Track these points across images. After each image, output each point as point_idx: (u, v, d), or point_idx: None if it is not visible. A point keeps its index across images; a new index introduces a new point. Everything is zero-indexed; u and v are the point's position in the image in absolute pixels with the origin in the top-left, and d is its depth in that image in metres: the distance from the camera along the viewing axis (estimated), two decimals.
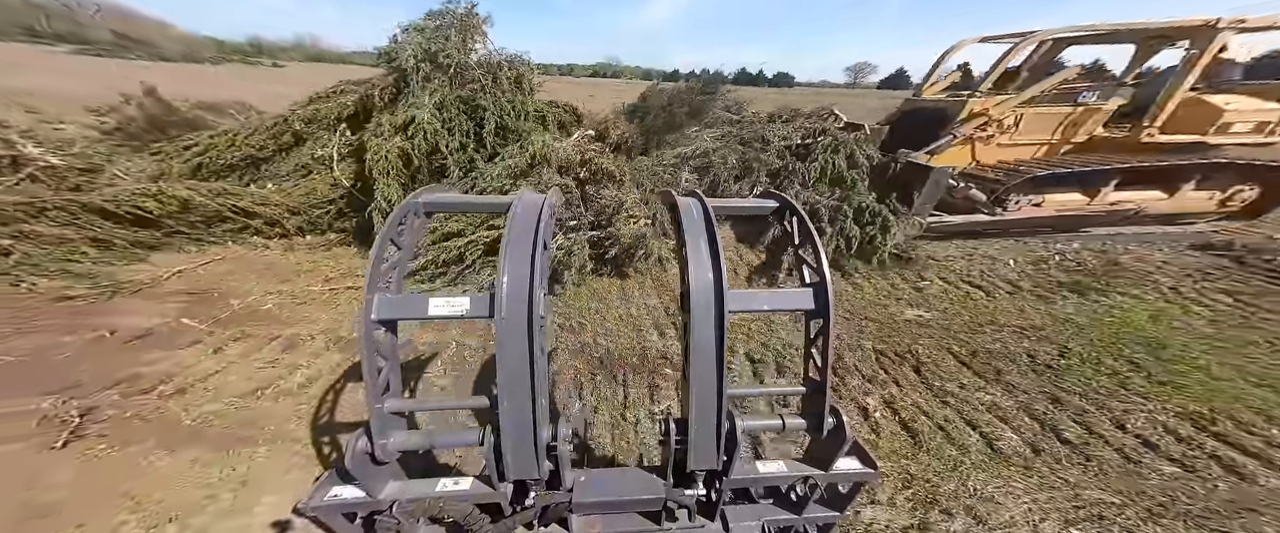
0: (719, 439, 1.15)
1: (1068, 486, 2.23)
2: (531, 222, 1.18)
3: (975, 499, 2.17)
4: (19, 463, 2.06)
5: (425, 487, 1.19)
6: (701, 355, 1.12)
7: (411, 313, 1.15)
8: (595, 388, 2.78)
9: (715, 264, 1.14)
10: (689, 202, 1.34)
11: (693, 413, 1.14)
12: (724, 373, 1.12)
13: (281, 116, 4.80)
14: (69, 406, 2.31)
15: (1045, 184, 5.18)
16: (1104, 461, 2.35)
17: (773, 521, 1.33)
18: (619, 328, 3.45)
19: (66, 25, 39.27)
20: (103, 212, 3.55)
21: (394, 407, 1.18)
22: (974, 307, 3.95)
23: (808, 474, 1.25)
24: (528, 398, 1.08)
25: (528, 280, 1.07)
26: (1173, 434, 2.49)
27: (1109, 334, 3.42)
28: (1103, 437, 2.50)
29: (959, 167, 5.39)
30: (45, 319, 2.94)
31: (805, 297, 1.21)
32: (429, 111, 4.21)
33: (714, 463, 1.19)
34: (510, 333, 1.05)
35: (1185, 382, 2.87)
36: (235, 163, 4.60)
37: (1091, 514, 2.09)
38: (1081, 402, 2.74)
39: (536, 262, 1.09)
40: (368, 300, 1.10)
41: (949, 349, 3.31)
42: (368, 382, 1.09)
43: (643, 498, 1.23)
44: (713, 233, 1.19)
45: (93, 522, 1.88)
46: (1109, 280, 4.30)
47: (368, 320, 1.10)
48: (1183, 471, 2.28)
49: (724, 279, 1.12)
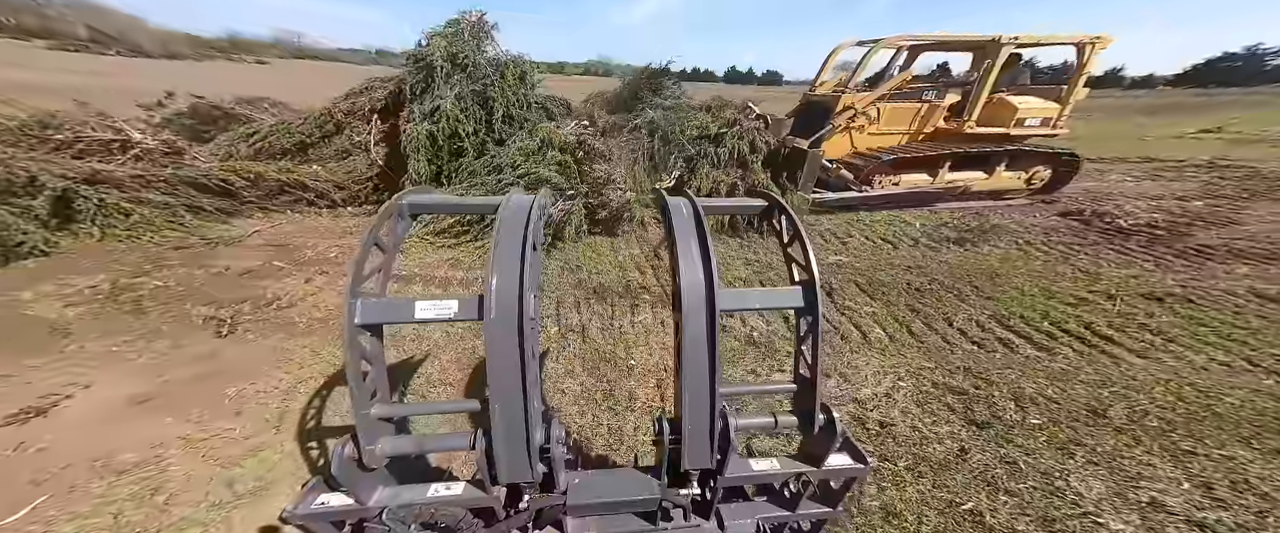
0: (713, 438, 1.14)
1: (905, 359, 3.41)
2: (520, 222, 1.15)
3: (847, 368, 3.33)
4: (203, 345, 3.06)
5: (416, 492, 1.15)
6: (694, 354, 1.10)
7: (397, 317, 1.13)
8: (590, 307, 3.88)
9: (706, 263, 1.11)
10: (679, 201, 1.31)
11: (686, 412, 1.13)
12: (717, 372, 1.10)
13: (325, 109, 5.70)
14: (224, 312, 3.31)
15: (900, 166, 6.55)
16: (931, 344, 3.53)
17: (767, 518, 1.32)
18: (609, 269, 4.55)
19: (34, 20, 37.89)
20: (195, 184, 4.47)
21: (381, 413, 1.14)
22: (881, 254, 5.16)
23: (800, 471, 1.24)
24: (520, 401, 1.05)
25: (517, 282, 1.04)
26: (979, 327, 3.70)
27: (967, 270, 4.66)
28: (936, 331, 3.69)
29: (843, 153, 6.71)
30: (175, 260, 3.90)
31: (794, 295, 1.20)
32: (451, 101, 5.18)
33: (708, 462, 1.16)
34: (500, 336, 1.02)
35: (1001, 297, 4.11)
36: (289, 148, 5.50)
37: (913, 372, 3.26)
38: (929, 310, 3.94)
39: (526, 262, 1.06)
40: (351, 305, 1.05)
41: (854, 282, 4.49)
42: (353, 388, 1.05)
43: (638, 499, 1.22)
44: (703, 232, 1.16)
45: (259, 379, 2.90)
46: (985, 237, 5.56)
47: (351, 325, 1.04)
48: (977, 347, 3.48)
49: (715, 278, 1.10)
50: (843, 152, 6.76)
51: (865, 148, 6.78)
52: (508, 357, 1.04)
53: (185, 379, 2.74)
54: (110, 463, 2.16)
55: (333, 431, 2.43)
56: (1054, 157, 7.04)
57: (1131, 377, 3.00)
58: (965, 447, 2.43)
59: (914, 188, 6.71)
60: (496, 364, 1.04)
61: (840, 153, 6.75)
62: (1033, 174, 7.14)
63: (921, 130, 6.88)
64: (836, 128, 6.47)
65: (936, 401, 2.85)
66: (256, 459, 2.23)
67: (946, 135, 6.81)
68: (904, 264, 4.87)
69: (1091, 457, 2.36)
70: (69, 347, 2.87)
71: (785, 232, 1.34)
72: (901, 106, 6.73)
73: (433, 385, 2.84)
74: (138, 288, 3.52)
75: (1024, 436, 2.51)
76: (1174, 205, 6.59)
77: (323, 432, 2.42)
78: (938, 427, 2.60)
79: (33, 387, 2.53)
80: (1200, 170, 9.30)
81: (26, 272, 3.54)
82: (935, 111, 6.76)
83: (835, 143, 6.64)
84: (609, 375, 3.02)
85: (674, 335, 1.21)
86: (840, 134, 6.64)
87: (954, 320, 3.78)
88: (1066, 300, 4.03)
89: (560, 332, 3.50)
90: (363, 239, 1.13)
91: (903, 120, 6.82)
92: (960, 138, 6.70)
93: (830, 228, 6.06)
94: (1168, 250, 5.12)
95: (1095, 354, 3.28)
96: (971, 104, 6.56)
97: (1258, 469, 2.24)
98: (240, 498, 2.04)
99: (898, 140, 6.88)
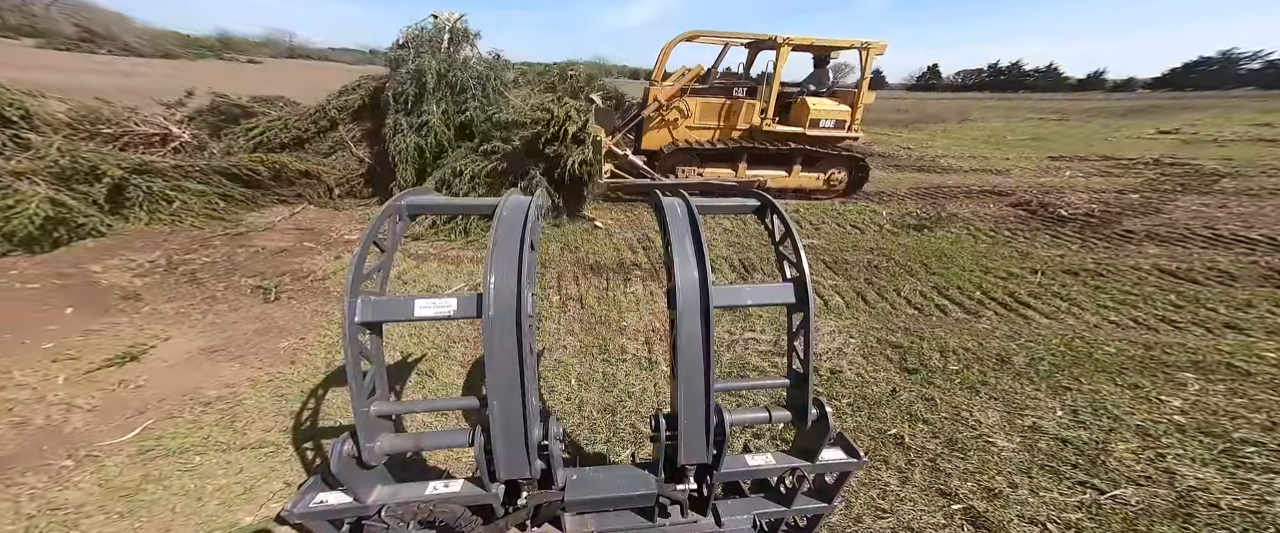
0: (708, 433, 1.16)
1: (857, 321, 3.99)
2: (518, 222, 1.18)
3: None
4: (255, 308, 3.56)
5: (414, 490, 1.16)
6: (689, 351, 1.12)
7: (397, 315, 1.14)
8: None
9: (700, 262, 1.13)
10: (673, 201, 1.32)
11: (682, 408, 1.15)
12: (712, 367, 1.12)
13: (321, 105, 6.09)
14: (268, 282, 3.81)
15: (706, 159, 6.90)
16: (880, 309, 4.12)
17: (763, 513, 1.35)
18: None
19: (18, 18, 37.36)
20: (226, 173, 4.94)
21: (381, 410, 1.15)
22: (849, 238, 5.78)
23: (795, 466, 1.27)
24: (518, 398, 1.06)
25: (516, 280, 1.05)
26: (922, 296, 4.31)
27: (921, 251, 5.29)
28: (886, 299, 4.29)
29: (661, 144, 6.94)
30: (216, 242, 4.38)
31: (786, 291, 1.22)
32: (438, 117, 5.62)
33: (704, 457, 1.18)
34: (498, 333, 1.04)
35: (945, 272, 4.73)
36: (286, 142, 5.86)
37: (862, 331, 3.84)
38: (882, 283, 4.55)
39: (524, 261, 1.08)
40: (351, 304, 1.06)
41: (822, 261, 5.09)
42: (352, 386, 1.06)
43: (635, 495, 1.24)
44: (697, 232, 1.18)
45: (308, 334, 3.40)
46: (942, 224, 6.21)
47: (351, 324, 1.06)
48: (918, 312, 4.08)
49: (709, 276, 1.12)
50: (662, 143, 7.03)
51: (683, 140, 7.03)
52: (506, 354, 1.05)
53: (246, 335, 3.24)
54: (197, 397, 2.64)
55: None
56: (851, 160, 7.33)
57: (1037, 333, 3.61)
58: (896, 388, 2.95)
59: (719, 180, 6.95)
60: (495, 361, 1.06)
61: (658, 144, 7.03)
62: (830, 175, 7.28)
63: (733, 126, 7.14)
64: (650, 121, 6.90)
65: (878, 354, 3.39)
66: (312, 395, 2.74)
67: (759, 133, 7.08)
68: (867, 246, 5.48)
69: (992, 394, 2.89)
70: (144, 307, 3.36)
71: (777, 230, 1.35)
72: (711, 102, 7.08)
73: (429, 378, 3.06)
74: (190, 263, 4.00)
75: (943, 379, 3.05)
76: (1112, 198, 7.31)
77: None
78: (876, 373, 3.14)
79: (122, 339, 3.02)
80: (1147, 168, 10.09)
81: (89, 250, 4.01)
82: (745, 107, 7.06)
83: (654, 135, 6.99)
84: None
85: (669, 332, 1.22)
86: (657, 127, 6.95)
87: (902, 291, 4.38)
88: (999, 275, 4.66)
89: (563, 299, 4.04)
90: (362, 238, 1.14)
91: (712, 115, 7.12)
92: (765, 136, 7.02)
93: (805, 216, 6.67)
94: (1095, 235, 5.80)
95: (1012, 317, 3.90)
96: (764, 102, 6.89)
97: (1114, 399, 2.84)
98: (301, 424, 2.54)
99: (711, 135, 7.15)
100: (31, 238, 3.69)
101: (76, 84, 11.87)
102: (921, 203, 7.44)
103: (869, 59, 6.93)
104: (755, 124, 7.08)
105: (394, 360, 3.06)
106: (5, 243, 3.62)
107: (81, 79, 14.10)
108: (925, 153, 12.93)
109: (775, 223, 1.35)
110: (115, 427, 2.43)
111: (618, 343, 3.47)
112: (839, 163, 7.32)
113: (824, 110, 6.99)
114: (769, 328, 3.65)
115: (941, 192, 8.18)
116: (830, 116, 6.99)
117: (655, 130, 7.01)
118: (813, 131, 6.97)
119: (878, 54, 6.95)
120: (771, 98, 6.94)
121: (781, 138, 7.06)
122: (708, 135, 7.20)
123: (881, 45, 6.91)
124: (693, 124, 7.10)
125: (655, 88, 6.80)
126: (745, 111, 7.10)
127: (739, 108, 7.10)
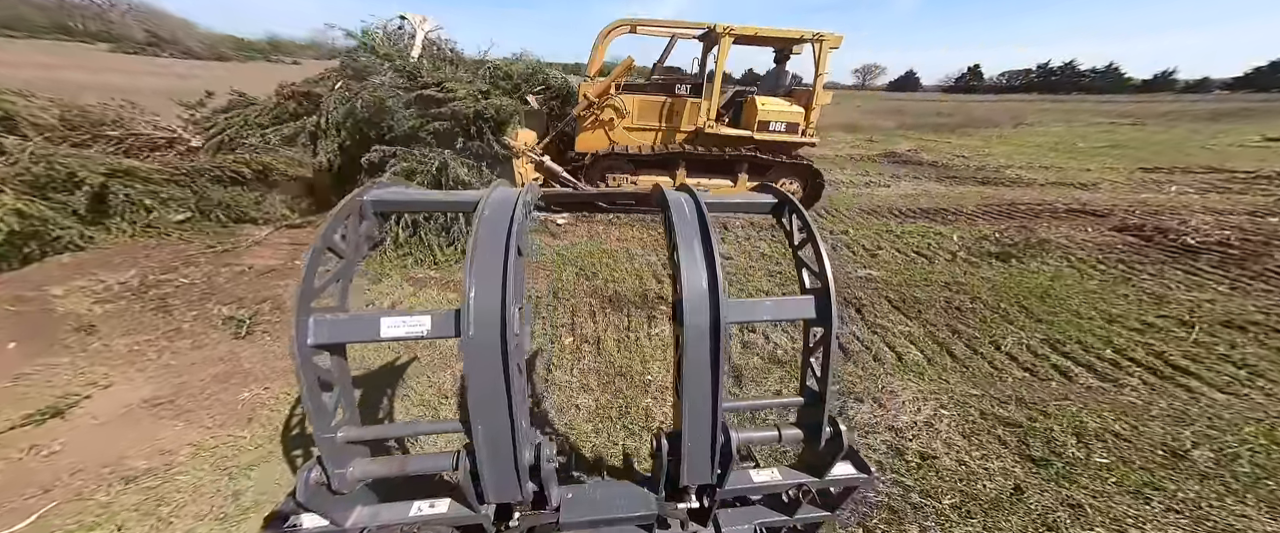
0: (714, 454, 1.08)
1: (947, 384, 3.13)
2: (503, 222, 1.02)
3: (881, 393, 3.08)
4: (222, 346, 3.06)
5: (398, 511, 1.07)
6: (696, 369, 1.02)
7: (358, 336, 0.99)
8: None
9: (711, 268, 1.01)
10: (680, 198, 1.19)
11: (687, 428, 1.07)
12: (720, 387, 1.02)
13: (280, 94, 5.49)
14: (243, 311, 3.31)
15: (640, 166, 6.02)
16: (976, 369, 3.24)
17: (764, 522, 1.31)
18: None
19: (98, 25, 41.27)
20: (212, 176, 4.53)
21: (350, 436, 1.04)
22: (915, 269, 4.85)
23: (802, 482, 1.21)
24: (506, 421, 0.96)
25: (500, 293, 0.92)
26: (1031, 352, 3.38)
27: (1014, 289, 4.31)
28: (981, 354, 3.39)
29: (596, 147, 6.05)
30: (203, 260, 3.96)
31: (806, 304, 1.12)
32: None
33: (708, 478, 1.11)
34: (480, 354, 0.92)
35: (1055, 319, 3.76)
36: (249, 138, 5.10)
37: (957, 400, 2.99)
38: (972, 332, 3.64)
39: (510, 270, 0.94)
40: (301, 323, 0.91)
41: (886, 298, 4.21)
42: (311, 414, 0.94)
43: (634, 515, 1.18)
44: (708, 233, 1.06)
45: (273, 382, 2.86)
46: (1032, 252, 5.17)
47: (303, 346, 0.92)
48: (1029, 375, 3.18)
49: (721, 285, 1.00)
50: (597, 146, 6.11)
51: (621, 143, 6.15)
52: (491, 379, 0.93)
53: (202, 381, 2.72)
54: (119, 470, 2.13)
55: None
56: (805, 169, 6.35)
57: (1215, 415, 2.66)
58: (1021, 487, 2.19)
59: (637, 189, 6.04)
60: (478, 386, 0.94)
61: (592, 147, 6.10)
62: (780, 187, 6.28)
63: (677, 127, 6.20)
64: (582, 121, 6.00)
65: (986, 432, 2.59)
66: (263, 470, 2.17)
67: (708, 137, 6.16)
68: (941, 280, 4.54)
69: (1171, 504, 2.08)
70: (93, 344, 2.90)
71: (796, 233, 1.22)
72: (650, 100, 6.12)
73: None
74: (164, 285, 3.57)
75: (1090, 478, 2.24)
76: (1246, 221, 6.01)
77: None
78: (987, 462, 2.36)
79: (53, 386, 2.55)
80: (1272, 182, 8.52)
81: (62, 266, 3.64)
82: (687, 107, 6.09)
83: (588, 137, 6.09)
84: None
85: (674, 349, 1.11)
86: (591, 128, 6.04)
87: (1002, 344, 3.47)
88: (1131, 326, 3.66)
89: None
90: (314, 244, 0.96)
91: (653, 115, 6.18)
92: (711, 139, 6.11)
93: (857, 238, 5.76)
94: (1243, 272, 4.63)
95: (1170, 389, 2.94)
96: (707, 100, 5.97)
97: None
98: (246, 512, 1.97)
99: (654, 138, 6.26)
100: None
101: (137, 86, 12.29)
102: (997, 224, 6.36)
103: (824, 52, 5.92)
104: (700, 126, 6.13)
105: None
106: None
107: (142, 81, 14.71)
108: (985, 161, 11.65)
109: (794, 224, 1.24)
110: (7, 512, 1.92)
111: (640, 405, 2.78)
112: (791, 172, 6.35)
113: (774, 111, 6.05)
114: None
115: (1017, 210, 7.05)
116: (781, 118, 6.05)
117: (589, 131, 6.08)
118: (761, 135, 6.06)
119: (833, 47, 5.95)
120: (715, 95, 6.00)
121: (727, 142, 6.15)
122: (648, 138, 6.29)
123: (836, 38, 5.92)
124: (631, 125, 6.17)
125: (585, 84, 5.90)
126: (689, 112, 6.11)
127: (682, 108, 6.13)
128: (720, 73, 5.98)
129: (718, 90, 6.07)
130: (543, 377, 2.98)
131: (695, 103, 6.08)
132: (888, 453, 2.48)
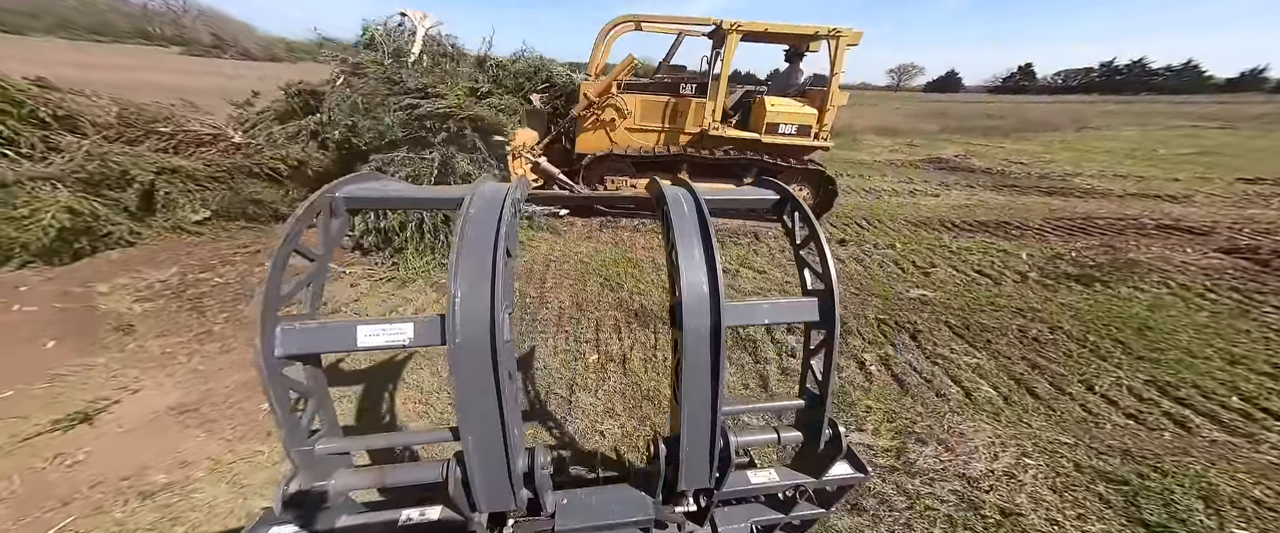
0: (712, 459, 1.07)
1: (1030, 429, 2.70)
2: (491, 222, 0.97)
3: (948, 434, 2.69)
4: (247, 351, 3.02)
5: (387, 517, 1.04)
6: (695, 373, 1.00)
7: (332, 345, 0.92)
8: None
9: (711, 269, 0.99)
10: (678, 193, 1.16)
11: (685, 433, 1.04)
12: (720, 391, 1.00)
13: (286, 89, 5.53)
14: None
15: (642, 168, 5.72)
16: (1065, 411, 2.79)
17: (760, 520, 1.33)
18: None
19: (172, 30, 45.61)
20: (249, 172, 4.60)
21: (328, 449, 1.00)
22: (979, 291, 4.34)
23: (800, 482, 1.22)
24: (497, 429, 0.93)
25: (488, 297, 0.88)
26: (1135, 395, 2.88)
27: (1103, 319, 3.75)
28: (1071, 396, 2.93)
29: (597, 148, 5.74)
30: (239, 258, 4.01)
31: (809, 307, 1.10)
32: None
33: (706, 482, 1.11)
34: (468, 362, 0.88)
35: (1161, 358, 3.21)
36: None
37: (1044, 448, 2.56)
38: (1057, 368, 3.16)
39: (498, 273, 0.90)
40: (267, 333, 0.84)
41: (945, 323, 3.76)
42: (283, 428, 0.89)
43: (631, 521, 1.17)
44: (707, 232, 1.03)
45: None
46: (1120, 276, 4.53)
47: (269, 358, 0.85)
48: (1135, 423, 2.70)
49: (721, 285, 0.97)
50: (598, 147, 5.79)
51: (623, 145, 5.82)
52: (480, 388, 0.90)
53: (227, 389, 2.67)
54: (138, 484, 2.07)
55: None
56: (816, 175, 5.87)
57: None
58: None
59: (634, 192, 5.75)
60: (467, 394, 0.90)
61: (593, 148, 5.78)
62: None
63: (681, 129, 5.83)
64: (583, 121, 5.63)
65: (1083, 488, 2.23)
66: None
67: (714, 139, 5.80)
68: (1012, 306, 4.03)
69: None
70: (129, 344, 2.92)
71: (798, 231, 1.21)
72: (654, 100, 5.75)
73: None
74: (201, 284, 3.61)
75: None
76: None
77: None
78: (1087, 524, 2.03)
79: (87, 389, 2.55)
80: None
81: (110, 263, 3.75)
82: (692, 107, 5.69)
83: (589, 138, 5.77)
84: None
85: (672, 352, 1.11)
86: (592, 129, 5.71)
87: (1095, 384, 2.99)
88: (1259, 369, 3.08)
89: None
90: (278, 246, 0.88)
91: (656, 116, 5.82)
92: (717, 142, 5.74)
93: (905, 253, 5.27)
94: None
95: None
96: (712, 100, 5.58)
97: None
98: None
99: (657, 139, 5.92)
100: (49, 249, 3.44)
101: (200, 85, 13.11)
102: (1072, 241, 5.69)
103: (841, 50, 5.45)
104: (706, 127, 5.79)
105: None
106: (23, 253, 3.39)
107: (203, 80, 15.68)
108: (1047, 169, 10.67)
109: (796, 221, 1.24)
110: (25, 526, 1.87)
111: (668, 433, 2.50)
112: (802, 178, 5.92)
113: (784, 113, 5.66)
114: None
115: (1094, 225, 6.30)
116: (791, 120, 5.65)
117: (590, 132, 5.79)
118: (769, 138, 5.69)
119: (851, 44, 5.48)
120: (720, 95, 5.65)
121: (732, 144, 5.80)
122: (651, 139, 5.98)
123: (855, 34, 5.45)
124: (633, 126, 5.86)
125: (586, 83, 5.64)
126: (694, 112, 5.76)
127: (687, 108, 5.77)
128: (726, 71, 5.60)
129: (723, 89, 5.68)
130: (566, 398, 2.77)
131: (700, 103, 5.74)
132: (959, 506, 2.14)
